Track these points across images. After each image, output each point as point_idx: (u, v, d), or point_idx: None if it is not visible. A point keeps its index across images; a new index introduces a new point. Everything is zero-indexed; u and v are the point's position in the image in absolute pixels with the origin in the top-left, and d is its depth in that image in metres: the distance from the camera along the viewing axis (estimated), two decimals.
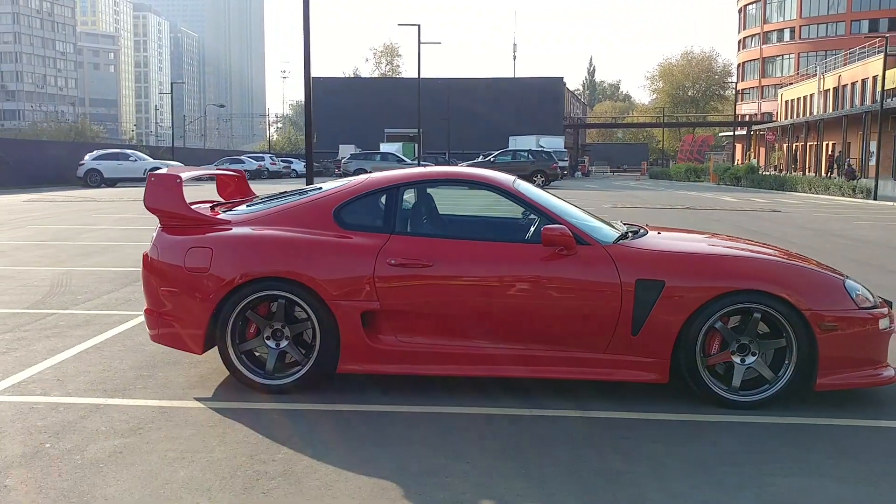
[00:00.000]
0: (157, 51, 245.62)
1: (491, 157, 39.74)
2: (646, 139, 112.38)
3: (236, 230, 5.07)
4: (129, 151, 39.88)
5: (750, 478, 3.75)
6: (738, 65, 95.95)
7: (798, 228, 17.18)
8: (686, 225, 16.93)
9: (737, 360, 4.77)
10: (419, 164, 37.79)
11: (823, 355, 4.65)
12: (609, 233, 5.17)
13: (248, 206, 5.49)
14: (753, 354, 4.76)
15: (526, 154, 39.37)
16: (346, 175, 43.69)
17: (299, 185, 37.96)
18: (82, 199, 25.90)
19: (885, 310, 4.94)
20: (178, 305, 5.03)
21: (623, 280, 4.74)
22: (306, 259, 4.87)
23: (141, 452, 4.01)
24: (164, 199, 5.17)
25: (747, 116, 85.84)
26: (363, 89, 79.47)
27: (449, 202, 6.40)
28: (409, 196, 5.26)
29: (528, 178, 37.24)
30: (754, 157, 68.46)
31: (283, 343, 4.98)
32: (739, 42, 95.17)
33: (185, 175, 5.30)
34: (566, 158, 60.78)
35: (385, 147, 58.52)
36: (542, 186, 37.35)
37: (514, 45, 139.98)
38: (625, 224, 5.84)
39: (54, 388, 5.05)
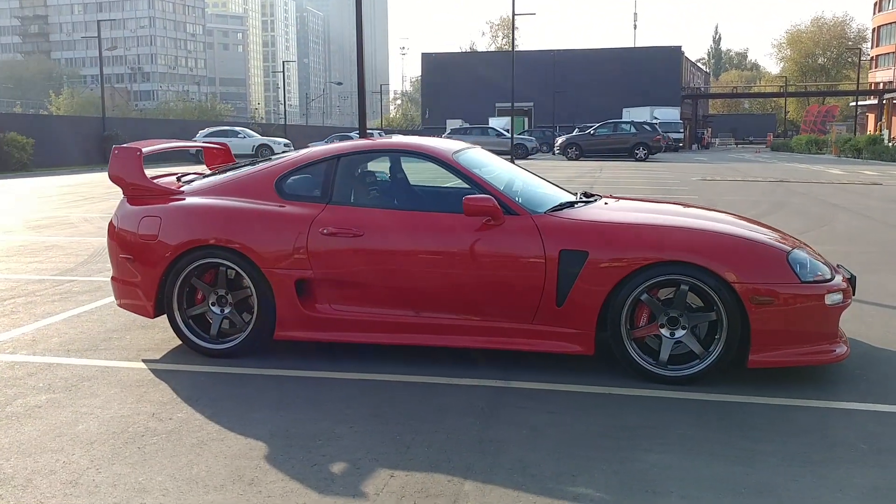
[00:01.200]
0: (284, 30, 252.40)
1: (591, 130, 39.06)
2: (774, 110, 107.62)
3: (186, 200, 5.27)
4: (238, 129, 41.40)
5: (618, 452, 3.66)
6: (873, 29, 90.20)
7: (887, 202, 16.18)
8: (759, 197, 16.28)
9: (666, 333, 4.62)
10: (509, 139, 37.50)
11: (756, 330, 4.45)
12: (545, 203, 5.09)
13: (205, 177, 5.68)
14: (684, 328, 4.60)
15: (628, 126, 38.44)
16: None
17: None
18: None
19: (841, 284, 4.67)
20: (133, 272, 5.28)
21: (547, 250, 4.66)
22: (242, 228, 5.02)
23: (58, 408, 4.27)
24: (124, 170, 5.42)
25: (881, 84, 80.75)
26: (476, 63, 79.15)
27: (431, 175, 6.37)
28: (349, 167, 5.30)
29: (630, 151, 36.80)
30: (886, 128, 64.44)
31: (227, 309, 5.16)
32: (875, 4, 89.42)
33: (146, 148, 5.54)
34: (681, 130, 59.10)
35: (494, 122, 58.51)
36: (644, 159, 36.48)
37: (635, 14, 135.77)
38: (584, 193, 5.70)
39: (24, 347, 5.40)
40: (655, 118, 53.00)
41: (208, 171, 6.23)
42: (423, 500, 3.21)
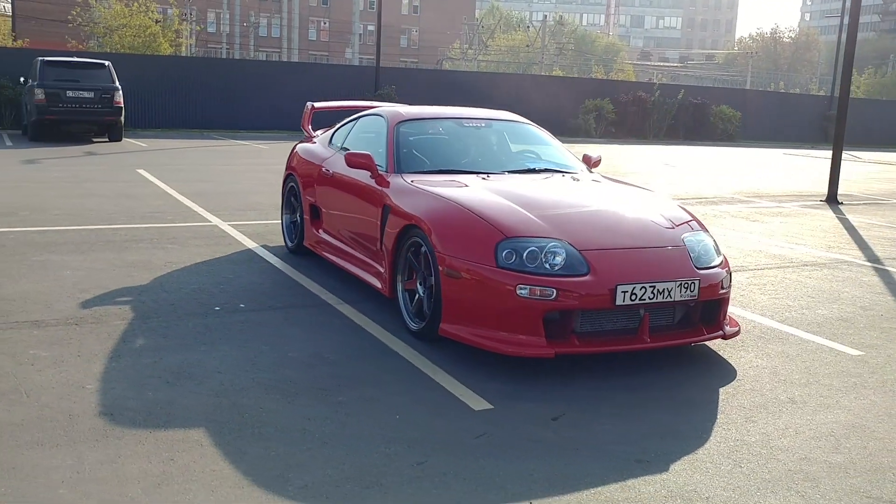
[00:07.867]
0: None
1: None
2: None
3: (306, 144, 7.59)
4: None
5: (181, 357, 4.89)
6: None
7: None
8: None
9: (421, 288, 5.18)
10: None
11: (446, 301, 4.75)
12: (426, 167, 5.88)
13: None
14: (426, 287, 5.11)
15: None
16: None
17: None
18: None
19: (572, 285, 4.50)
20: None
21: (381, 202, 5.66)
22: (299, 163, 7.25)
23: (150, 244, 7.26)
24: (302, 120, 8.02)
25: None
26: None
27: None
28: (355, 125, 6.84)
29: None
30: None
31: (297, 218, 7.34)
32: None
33: (318, 104, 8.02)
34: None
35: None
36: None
37: None
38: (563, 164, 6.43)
39: (236, 230, 8.54)
40: None
41: None
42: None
